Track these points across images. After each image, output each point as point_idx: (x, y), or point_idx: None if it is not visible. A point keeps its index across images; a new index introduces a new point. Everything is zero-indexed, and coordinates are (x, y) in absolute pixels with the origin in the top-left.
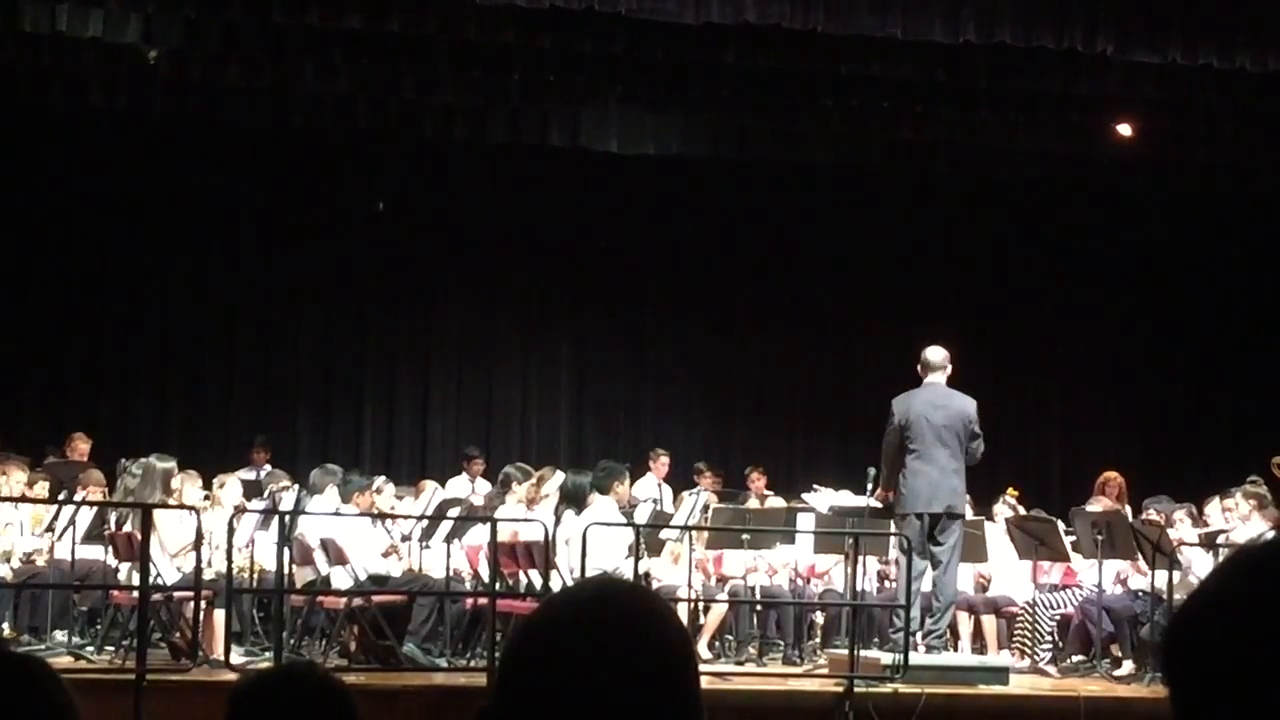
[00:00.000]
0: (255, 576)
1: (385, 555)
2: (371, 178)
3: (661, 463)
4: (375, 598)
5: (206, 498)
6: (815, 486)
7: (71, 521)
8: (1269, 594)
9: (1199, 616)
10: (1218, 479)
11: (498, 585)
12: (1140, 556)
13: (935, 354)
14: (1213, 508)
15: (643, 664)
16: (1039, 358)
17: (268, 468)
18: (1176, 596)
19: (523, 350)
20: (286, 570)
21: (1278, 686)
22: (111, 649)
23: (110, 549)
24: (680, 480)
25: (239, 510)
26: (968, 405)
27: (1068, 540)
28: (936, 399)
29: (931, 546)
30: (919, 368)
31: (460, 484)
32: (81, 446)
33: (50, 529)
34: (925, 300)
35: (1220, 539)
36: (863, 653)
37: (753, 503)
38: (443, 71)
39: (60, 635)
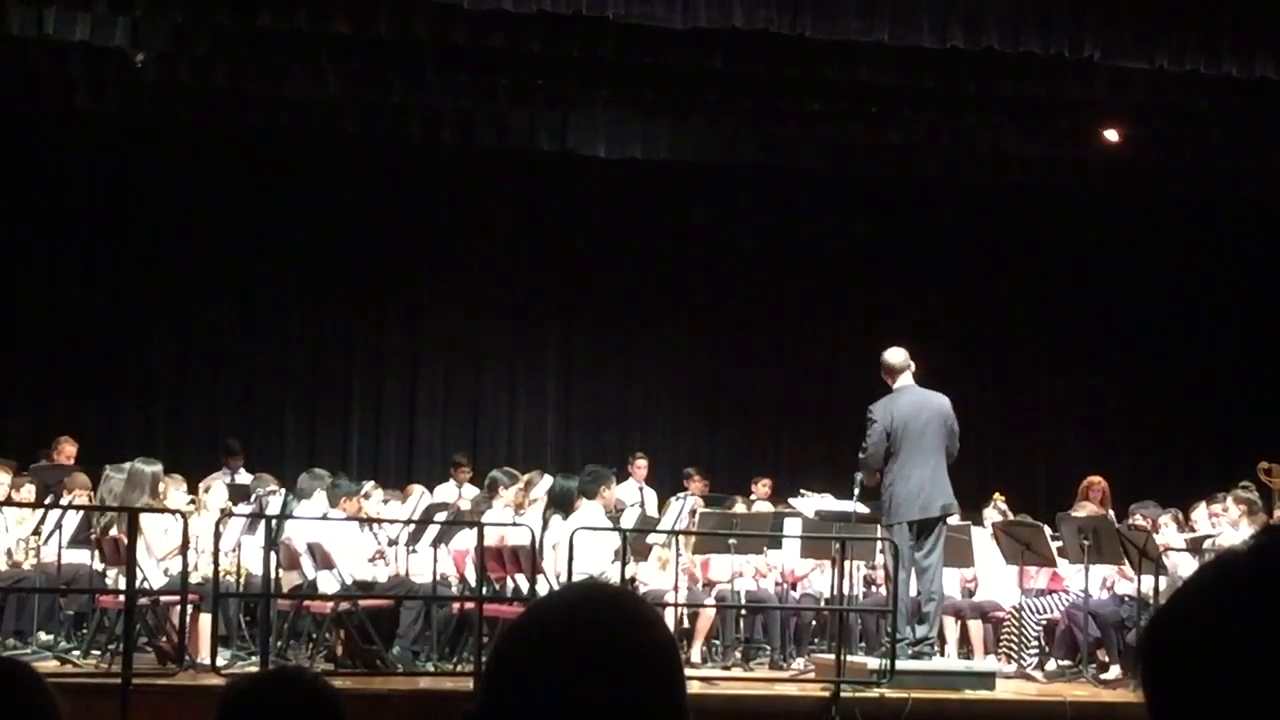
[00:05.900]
0: (242, 580)
1: (371, 560)
2: (359, 182)
3: (639, 466)
4: (362, 602)
5: (191, 502)
6: (802, 491)
7: (58, 525)
8: (1247, 597)
9: (1176, 619)
10: (1203, 484)
11: (484, 589)
12: (1126, 561)
13: (899, 355)
14: (1200, 513)
15: (629, 668)
16: (1025, 362)
17: (242, 471)
18: (1162, 601)
19: (510, 354)
20: (273, 574)
21: (1255, 690)
22: (97, 653)
23: (96, 553)
24: (668, 484)
25: (225, 514)
26: (945, 403)
27: (1054, 545)
28: (917, 400)
29: (915, 551)
30: (885, 373)
31: (448, 490)
32: (68, 450)
33: (36, 532)
34: (912, 305)
35: (1207, 544)
36: (849, 657)
37: (739, 508)
38: (430, 75)
39: (46, 638)
